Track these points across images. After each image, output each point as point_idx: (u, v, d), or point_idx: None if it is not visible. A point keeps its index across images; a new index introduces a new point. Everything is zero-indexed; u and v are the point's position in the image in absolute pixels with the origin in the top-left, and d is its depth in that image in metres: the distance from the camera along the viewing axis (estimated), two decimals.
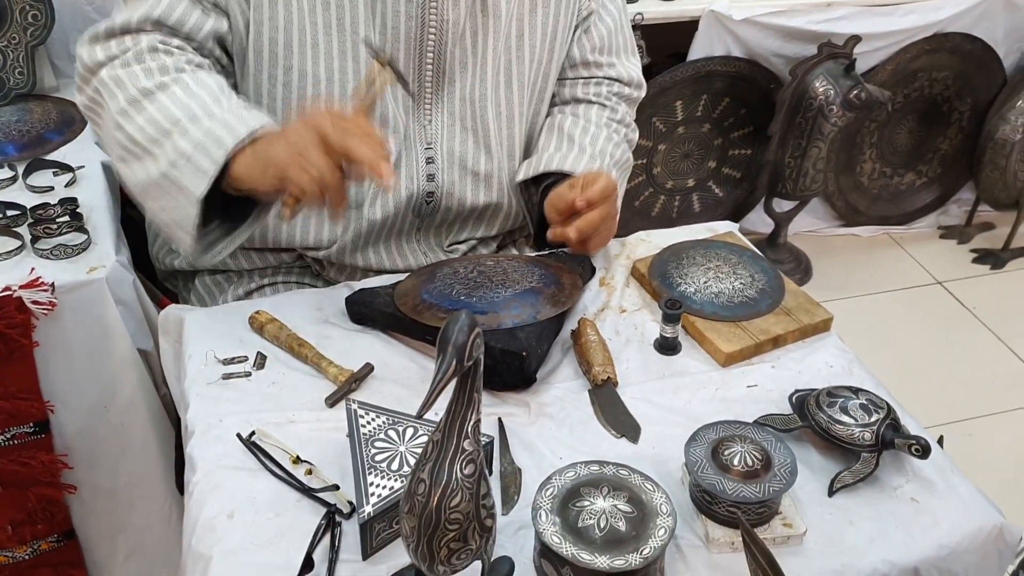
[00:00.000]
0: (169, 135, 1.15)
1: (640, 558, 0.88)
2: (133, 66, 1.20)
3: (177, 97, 1.17)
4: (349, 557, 0.96)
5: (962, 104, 2.93)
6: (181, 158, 1.14)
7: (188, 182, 1.14)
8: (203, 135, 1.14)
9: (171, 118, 1.16)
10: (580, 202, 1.27)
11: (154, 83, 1.18)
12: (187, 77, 1.20)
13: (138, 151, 1.19)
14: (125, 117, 1.19)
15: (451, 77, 1.33)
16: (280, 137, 1.13)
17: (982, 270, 2.98)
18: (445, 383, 0.75)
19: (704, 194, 2.84)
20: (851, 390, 1.10)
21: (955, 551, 1.01)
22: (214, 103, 1.17)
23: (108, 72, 1.21)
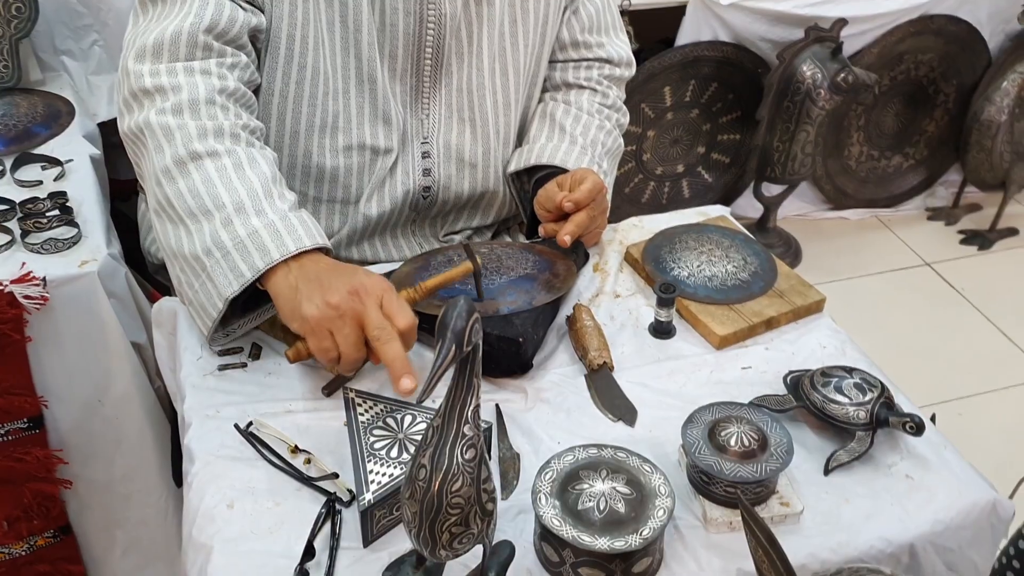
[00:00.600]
0: (210, 217, 1.10)
1: (640, 539, 0.89)
2: (186, 118, 1.13)
3: (226, 175, 1.11)
4: (350, 544, 0.96)
5: (948, 86, 2.95)
6: (219, 250, 1.09)
7: (220, 278, 1.09)
8: (247, 235, 1.08)
9: (216, 199, 1.10)
10: (567, 205, 1.27)
11: (205, 148, 1.12)
12: (241, 152, 1.14)
13: (173, 215, 1.13)
14: (167, 176, 1.12)
15: (448, 69, 1.33)
16: (319, 286, 1.05)
17: (970, 251, 3.00)
18: (445, 368, 0.75)
19: (694, 180, 2.84)
20: (845, 370, 1.10)
21: (950, 526, 1.02)
22: (265, 197, 1.11)
23: (159, 118, 1.13)
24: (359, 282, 1.05)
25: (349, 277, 1.06)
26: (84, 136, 1.65)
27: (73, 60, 1.85)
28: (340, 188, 1.34)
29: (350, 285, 1.05)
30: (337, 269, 1.09)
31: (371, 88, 1.28)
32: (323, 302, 1.04)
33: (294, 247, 1.08)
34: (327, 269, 1.08)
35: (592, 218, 1.31)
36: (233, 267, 1.08)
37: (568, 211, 1.28)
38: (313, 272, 1.07)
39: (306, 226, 1.11)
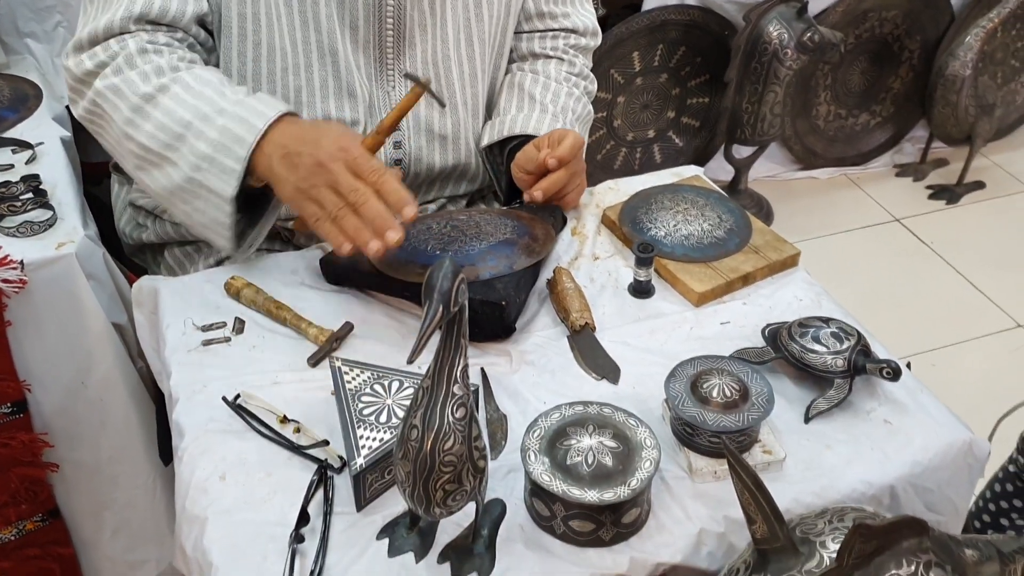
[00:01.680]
0: (183, 139, 1.15)
1: (628, 490, 0.91)
2: (127, 72, 1.18)
3: (180, 98, 1.16)
4: (343, 510, 0.98)
5: (912, 43, 2.98)
6: (203, 160, 1.15)
7: (215, 184, 1.15)
8: (219, 134, 1.14)
9: (181, 121, 1.15)
10: (551, 161, 1.28)
11: (153, 87, 1.17)
12: (185, 75, 1.18)
13: (154, 158, 1.18)
14: (132, 126, 1.18)
15: (411, 41, 1.33)
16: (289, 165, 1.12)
17: (938, 206, 3.05)
18: (433, 329, 0.76)
19: (665, 144, 2.86)
20: (822, 320, 1.13)
21: (928, 468, 1.05)
22: (220, 98, 1.16)
23: (103, 82, 1.19)
24: (323, 152, 1.10)
25: (313, 148, 1.11)
26: (53, 119, 1.64)
27: (37, 42, 1.83)
28: None
29: (314, 158, 1.10)
30: (303, 138, 1.13)
31: (333, 61, 1.28)
32: (296, 182, 1.11)
33: (261, 124, 1.14)
34: (294, 139, 1.13)
35: (570, 176, 1.32)
36: (222, 168, 1.14)
37: (552, 168, 1.29)
38: (282, 147, 1.13)
39: (264, 102, 1.17)
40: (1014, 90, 3.22)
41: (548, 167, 1.29)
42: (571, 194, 1.36)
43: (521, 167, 1.35)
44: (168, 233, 1.45)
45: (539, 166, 1.30)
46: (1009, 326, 2.58)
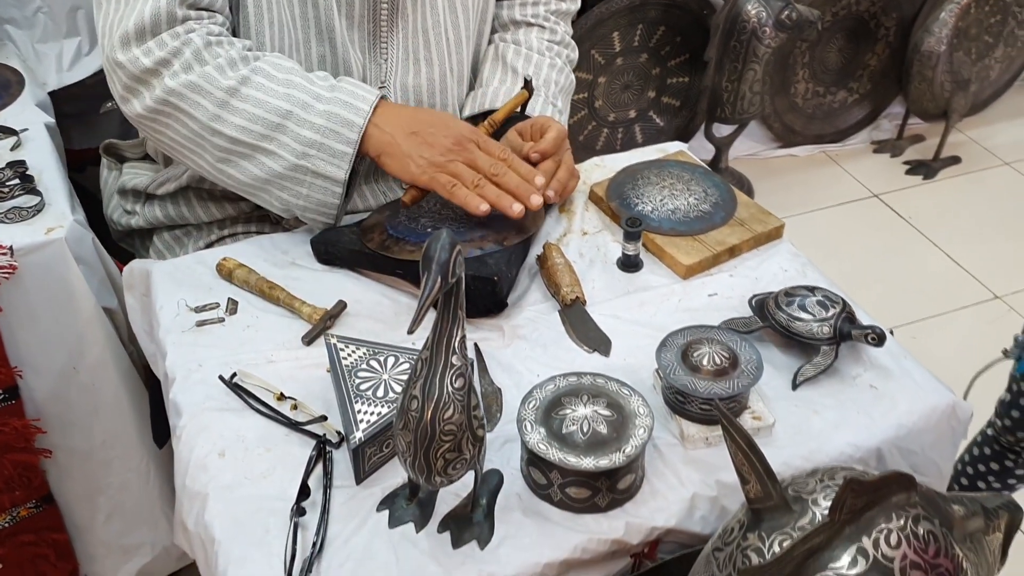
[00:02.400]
0: (283, 128, 1.18)
1: (623, 456, 0.93)
2: (200, 67, 1.17)
3: (268, 88, 1.19)
4: (342, 483, 0.99)
5: (888, 19, 3.00)
6: (311, 147, 1.19)
7: (325, 168, 1.20)
8: (325, 119, 1.18)
9: (277, 111, 1.18)
10: (534, 155, 1.30)
11: (235, 79, 1.18)
12: (263, 64, 1.20)
13: (245, 150, 1.20)
14: (219, 121, 1.18)
15: (404, 13, 1.34)
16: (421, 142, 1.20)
17: (915, 181, 3.08)
18: (432, 299, 0.77)
19: (646, 124, 2.88)
20: (807, 288, 1.15)
21: (913, 430, 1.07)
22: (310, 84, 1.20)
23: (175, 80, 1.17)
24: (456, 132, 1.21)
25: (444, 128, 1.21)
26: (36, 105, 1.63)
27: (17, 28, 1.82)
28: None
29: (451, 137, 1.20)
30: (427, 119, 1.22)
31: (330, 38, 1.29)
32: (430, 161, 1.20)
33: (367, 106, 1.20)
34: (415, 118, 1.22)
35: (557, 165, 1.33)
36: (332, 152, 1.19)
37: (534, 161, 1.31)
38: (403, 123, 1.21)
39: (357, 85, 1.22)
40: (988, 65, 3.26)
41: (531, 160, 1.31)
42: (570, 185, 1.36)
43: None
44: (157, 218, 1.46)
45: (523, 158, 1.32)
46: (987, 297, 2.62)
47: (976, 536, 0.86)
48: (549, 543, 0.93)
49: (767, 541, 0.79)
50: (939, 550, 0.78)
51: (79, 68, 1.80)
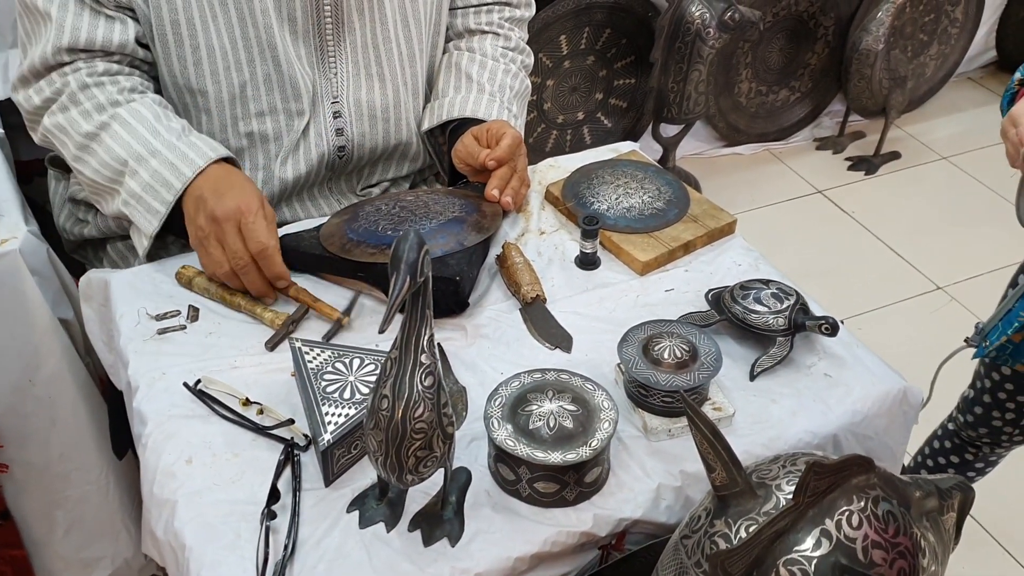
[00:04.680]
0: (121, 177, 1.24)
1: (589, 450, 0.95)
2: (71, 110, 1.25)
3: (119, 136, 1.23)
4: (312, 486, 1.00)
5: (826, 19, 3.07)
6: (132, 198, 1.24)
7: (140, 220, 1.24)
8: (150, 176, 1.22)
9: (119, 160, 1.23)
10: (490, 163, 1.31)
11: (94, 125, 1.24)
12: (123, 111, 1.25)
13: (103, 190, 1.28)
14: (80, 163, 1.26)
15: (351, 26, 1.34)
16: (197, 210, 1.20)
17: (857, 176, 3.15)
18: (402, 298, 0.79)
19: (594, 126, 2.91)
20: (762, 282, 1.18)
21: (867, 416, 1.11)
22: (153, 137, 1.23)
23: (50, 120, 1.26)
24: (221, 208, 1.18)
25: (215, 202, 1.18)
26: None
27: None
28: (259, 154, 1.36)
29: (212, 213, 1.18)
30: (215, 189, 1.20)
31: (272, 55, 1.29)
32: (194, 229, 1.21)
33: (190, 172, 1.21)
34: (209, 188, 1.21)
35: (512, 172, 1.35)
36: (148, 208, 1.23)
37: (490, 168, 1.32)
38: (198, 191, 1.21)
39: (195, 148, 1.24)
40: (923, 63, 3.35)
41: (487, 168, 1.32)
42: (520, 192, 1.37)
43: (462, 159, 1.38)
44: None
45: (479, 164, 1.33)
46: (929, 288, 2.69)
47: (932, 515, 0.90)
48: (519, 537, 0.95)
49: (734, 527, 0.81)
50: (898, 529, 0.81)
51: None
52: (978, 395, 1.60)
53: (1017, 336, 1.38)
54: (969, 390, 1.63)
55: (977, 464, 1.72)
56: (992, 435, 1.62)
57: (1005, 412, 1.57)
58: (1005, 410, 1.57)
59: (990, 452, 1.69)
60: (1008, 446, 1.66)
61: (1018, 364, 1.45)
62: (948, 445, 1.73)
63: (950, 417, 1.72)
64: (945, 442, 1.74)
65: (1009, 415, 1.57)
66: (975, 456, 1.70)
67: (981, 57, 3.59)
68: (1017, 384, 1.52)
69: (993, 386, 1.56)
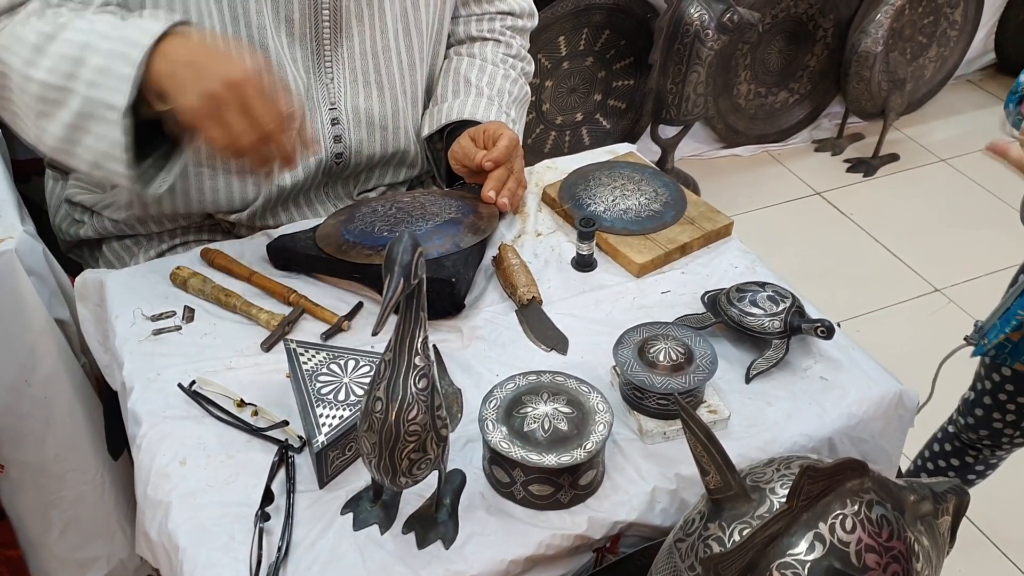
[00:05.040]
0: (81, 62, 1.08)
1: (584, 452, 0.94)
2: (26, 23, 1.13)
3: (79, 28, 1.10)
4: (306, 487, 0.99)
5: (826, 21, 3.07)
6: (99, 75, 1.07)
7: (110, 96, 1.06)
8: (114, 44, 1.07)
9: (79, 44, 1.09)
10: (487, 164, 1.31)
11: (52, 27, 1.11)
12: (85, 12, 1.14)
13: (55, 95, 1.11)
14: (32, 66, 1.11)
15: (349, 32, 1.33)
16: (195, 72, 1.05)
17: (856, 178, 3.15)
18: (395, 300, 0.78)
19: (592, 127, 2.91)
20: (758, 284, 1.18)
21: (863, 419, 1.11)
22: (119, 20, 1.11)
23: (1, 36, 1.14)
24: (236, 69, 1.05)
25: (223, 63, 1.06)
26: None
27: None
28: None
29: (229, 75, 1.04)
30: (210, 51, 1.08)
31: (264, 57, 1.28)
32: (202, 91, 1.04)
33: (158, 28, 1.07)
34: (199, 48, 1.08)
35: (509, 173, 1.35)
36: (118, 76, 1.06)
37: (487, 170, 1.32)
38: (186, 54, 1.07)
39: (156, 17, 1.11)
40: (922, 65, 3.35)
41: (484, 169, 1.32)
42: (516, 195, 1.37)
43: (458, 160, 1.38)
44: (106, 228, 1.44)
45: (476, 166, 1.33)
46: (927, 290, 2.69)
47: (927, 519, 0.89)
48: (513, 540, 0.95)
49: (727, 530, 0.81)
50: (892, 533, 0.81)
51: None
52: (979, 397, 1.60)
53: (1016, 335, 1.38)
54: (970, 392, 1.63)
55: (977, 467, 1.72)
56: (992, 437, 1.62)
57: (1006, 414, 1.57)
58: (1006, 411, 1.57)
59: (990, 455, 1.69)
60: (1008, 448, 1.66)
61: (1017, 363, 1.44)
62: (948, 448, 1.73)
63: (950, 420, 1.72)
64: (945, 445, 1.74)
65: (1010, 416, 1.57)
66: (975, 459, 1.70)
67: (980, 59, 3.59)
68: (1018, 385, 1.52)
69: (994, 387, 1.56)
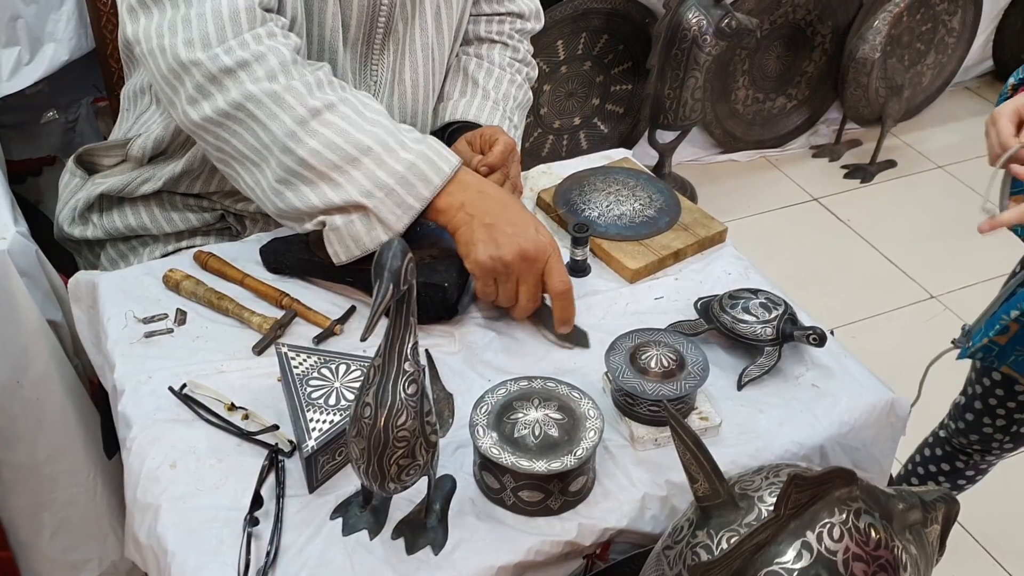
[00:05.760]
0: (359, 164, 1.11)
1: (575, 459, 0.94)
2: (285, 79, 1.11)
3: (353, 120, 1.12)
4: (295, 492, 0.99)
5: (824, 27, 3.07)
6: (380, 190, 1.11)
7: (387, 215, 1.12)
8: (405, 168, 1.12)
9: (359, 145, 1.11)
10: (482, 168, 1.31)
11: (321, 102, 1.12)
12: (351, 97, 1.15)
13: (310, 175, 1.12)
14: (295, 139, 1.11)
15: (395, 36, 1.33)
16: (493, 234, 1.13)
17: (853, 184, 3.15)
18: (384, 306, 0.78)
19: (590, 131, 2.91)
20: (750, 291, 1.18)
21: (854, 427, 1.11)
22: (397, 131, 1.14)
23: (258, 87, 1.11)
24: (530, 244, 1.13)
25: (522, 234, 1.13)
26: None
27: None
28: None
29: (520, 247, 1.12)
30: (509, 214, 1.15)
31: (332, 60, 1.28)
32: (495, 255, 1.13)
33: (448, 169, 1.14)
34: (500, 207, 1.15)
35: (505, 177, 1.35)
36: (400, 202, 1.12)
37: (483, 174, 1.32)
38: (483, 207, 1.14)
39: (443, 146, 1.16)
40: (920, 72, 3.35)
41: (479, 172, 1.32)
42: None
43: None
44: (116, 227, 1.44)
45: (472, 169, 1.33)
46: (923, 297, 2.69)
47: (915, 528, 0.89)
48: (503, 546, 0.95)
49: (715, 538, 0.81)
50: (880, 542, 0.81)
51: (18, 78, 1.78)
52: (969, 401, 1.60)
53: (1002, 338, 1.38)
54: (960, 396, 1.64)
55: (968, 472, 1.72)
56: (983, 442, 1.62)
57: (996, 419, 1.57)
58: (996, 416, 1.57)
59: (980, 460, 1.69)
60: (999, 454, 1.66)
61: (1004, 367, 1.44)
62: (939, 453, 1.73)
63: (941, 425, 1.72)
64: (936, 450, 1.74)
65: (1000, 422, 1.57)
66: (966, 464, 1.70)
67: (978, 67, 3.60)
68: (1007, 390, 1.52)
69: (984, 392, 1.56)
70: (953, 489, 1.73)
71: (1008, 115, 1.17)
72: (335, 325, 1.17)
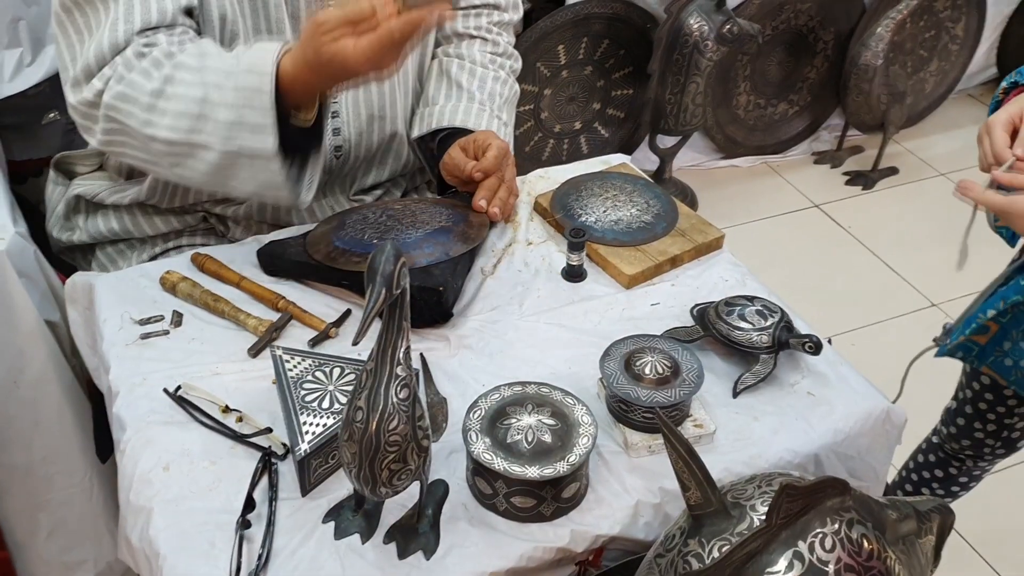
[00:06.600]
0: (203, 118, 1.13)
1: (567, 465, 0.94)
2: (128, 75, 1.15)
3: (187, 81, 1.13)
4: (288, 495, 0.99)
5: (826, 33, 3.07)
6: (231, 128, 1.12)
7: (253, 145, 1.12)
8: (235, 95, 1.11)
9: (195, 100, 1.13)
10: (476, 175, 1.31)
11: (158, 80, 1.14)
12: (182, 57, 1.15)
13: (182, 149, 1.15)
14: (151, 126, 1.15)
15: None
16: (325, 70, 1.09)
17: (854, 191, 3.15)
18: (377, 310, 0.78)
19: (591, 136, 2.91)
20: (747, 298, 1.17)
21: (849, 435, 1.10)
22: (221, 62, 1.13)
23: (109, 95, 1.15)
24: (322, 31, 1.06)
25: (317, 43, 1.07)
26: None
27: None
28: None
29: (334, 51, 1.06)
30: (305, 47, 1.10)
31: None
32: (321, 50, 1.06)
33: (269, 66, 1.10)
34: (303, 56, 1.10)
35: (500, 181, 1.34)
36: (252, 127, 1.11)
37: (477, 180, 1.32)
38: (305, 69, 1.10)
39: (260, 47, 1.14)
40: (923, 79, 3.35)
41: (474, 179, 1.32)
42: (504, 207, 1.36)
43: (449, 171, 1.38)
44: (100, 232, 1.44)
45: (466, 177, 1.33)
46: (924, 305, 2.69)
47: (909, 539, 0.89)
48: (495, 552, 0.94)
49: (707, 546, 0.81)
50: (872, 553, 0.80)
51: (20, 79, 1.78)
52: (960, 406, 1.60)
53: (981, 337, 1.37)
54: (952, 402, 1.63)
55: (961, 478, 1.71)
56: (975, 447, 1.61)
57: (987, 423, 1.57)
58: (987, 421, 1.56)
59: (973, 466, 1.68)
60: (991, 459, 1.65)
61: (983, 366, 1.43)
62: (932, 459, 1.73)
63: (934, 430, 1.72)
64: (929, 456, 1.73)
65: (991, 427, 1.57)
66: (959, 470, 1.70)
67: (982, 74, 3.59)
68: (996, 395, 1.52)
69: (974, 396, 1.55)
70: (947, 496, 1.73)
71: (1002, 124, 1.17)
72: (330, 328, 1.17)
